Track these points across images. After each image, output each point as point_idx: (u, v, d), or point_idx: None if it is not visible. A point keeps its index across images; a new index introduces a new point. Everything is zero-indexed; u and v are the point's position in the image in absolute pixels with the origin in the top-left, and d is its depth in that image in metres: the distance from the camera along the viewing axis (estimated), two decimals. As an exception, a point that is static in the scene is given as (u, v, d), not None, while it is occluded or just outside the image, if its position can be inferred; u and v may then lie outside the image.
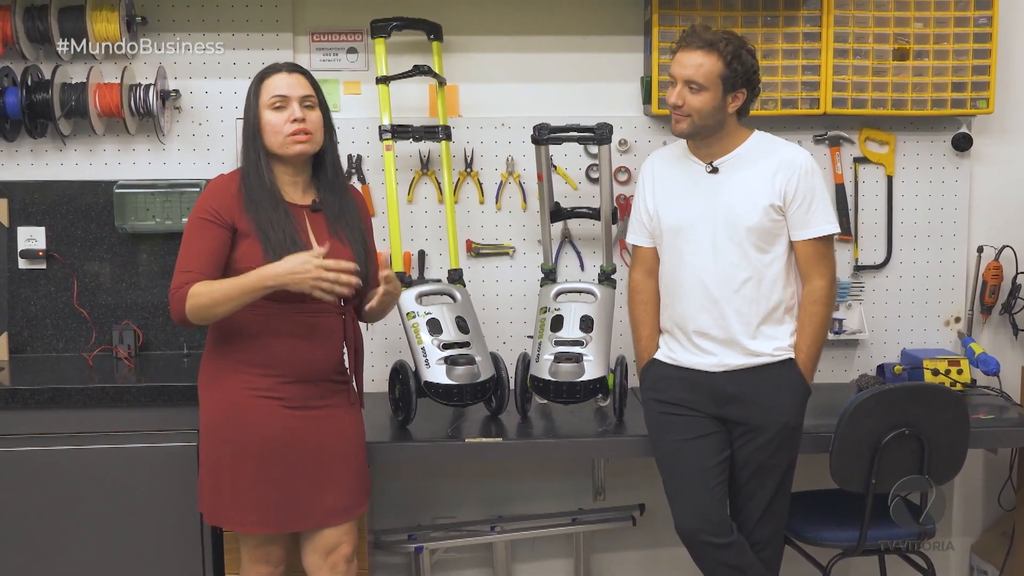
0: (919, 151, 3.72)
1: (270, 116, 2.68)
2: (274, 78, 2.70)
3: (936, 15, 3.57)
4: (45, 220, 3.56)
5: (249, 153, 2.71)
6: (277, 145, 2.68)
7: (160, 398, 3.08)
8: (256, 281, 2.58)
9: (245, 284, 2.59)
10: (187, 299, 2.59)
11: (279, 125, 2.67)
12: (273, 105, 2.68)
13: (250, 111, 2.71)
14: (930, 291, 3.78)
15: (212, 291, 2.59)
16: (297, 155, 2.69)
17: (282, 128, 2.67)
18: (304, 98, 2.69)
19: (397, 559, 3.72)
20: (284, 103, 2.67)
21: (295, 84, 2.69)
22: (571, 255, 3.69)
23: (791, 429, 2.93)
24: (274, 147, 2.69)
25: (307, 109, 2.70)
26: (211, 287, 2.60)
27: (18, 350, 3.57)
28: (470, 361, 3.16)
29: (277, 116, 2.67)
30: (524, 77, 3.65)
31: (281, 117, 2.67)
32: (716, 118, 2.85)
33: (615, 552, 3.83)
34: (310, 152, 2.72)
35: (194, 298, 2.59)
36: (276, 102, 2.67)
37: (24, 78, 3.40)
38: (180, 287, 2.62)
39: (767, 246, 2.89)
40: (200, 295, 2.59)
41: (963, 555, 3.89)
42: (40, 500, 3.07)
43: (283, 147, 2.68)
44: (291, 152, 2.69)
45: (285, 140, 2.67)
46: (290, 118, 2.66)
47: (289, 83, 2.69)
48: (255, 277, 2.58)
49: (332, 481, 2.75)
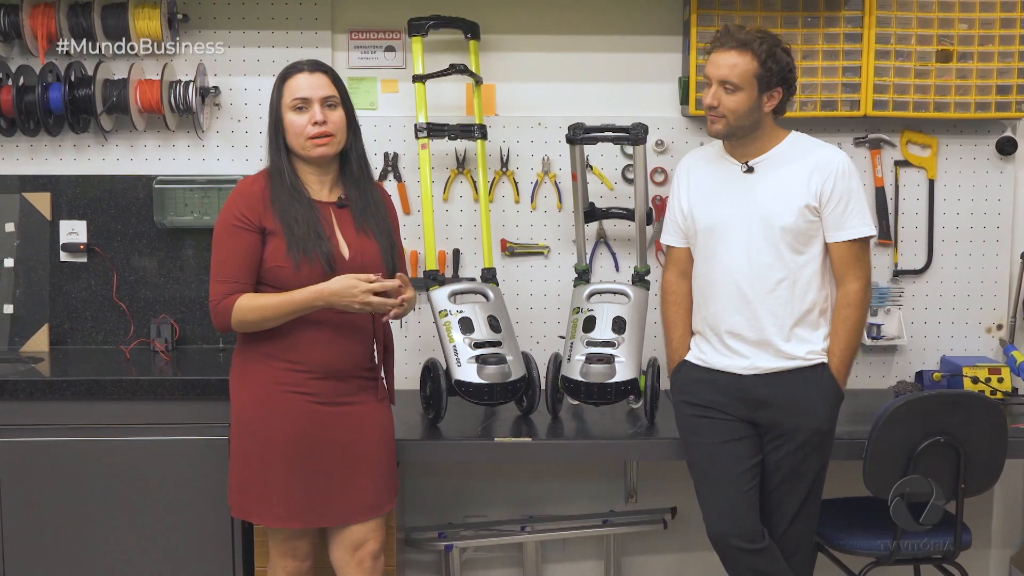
0: (962, 155, 3.66)
1: (292, 117, 2.69)
2: (296, 79, 2.71)
3: (981, 16, 3.51)
4: (86, 214, 3.61)
5: (273, 152, 2.74)
6: (299, 147, 2.70)
7: (194, 391, 3.11)
8: (306, 301, 2.64)
9: (296, 303, 2.64)
10: (233, 313, 2.65)
11: (301, 127, 2.68)
12: (295, 107, 2.69)
13: (273, 111, 2.73)
14: (971, 297, 3.71)
15: (262, 308, 2.65)
16: (319, 157, 2.71)
17: (303, 130, 2.68)
18: (326, 99, 2.70)
19: (428, 557, 3.73)
20: (306, 105, 2.68)
21: (316, 85, 2.70)
22: (606, 256, 3.68)
23: (823, 434, 2.89)
24: (296, 148, 2.71)
25: (329, 109, 2.70)
26: (260, 304, 2.65)
27: (58, 342, 3.63)
28: (501, 360, 3.16)
29: (299, 118, 2.68)
30: (561, 76, 3.64)
31: (303, 119, 2.68)
32: (752, 118, 2.82)
33: (646, 555, 3.81)
34: (331, 154, 2.73)
35: (241, 312, 2.65)
36: (298, 104, 2.68)
37: (67, 74, 3.45)
38: (223, 298, 2.66)
39: (802, 247, 2.86)
40: (248, 310, 2.65)
41: (1003, 567, 3.82)
42: (75, 490, 3.12)
43: (305, 149, 2.70)
44: (313, 155, 2.70)
45: (306, 143, 2.69)
46: (311, 120, 2.68)
47: (310, 84, 2.69)
48: (306, 297, 2.64)
49: (359, 477, 2.76)
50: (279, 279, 2.67)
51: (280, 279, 2.67)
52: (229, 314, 2.66)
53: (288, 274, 2.66)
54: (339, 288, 2.63)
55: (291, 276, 2.66)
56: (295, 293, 2.65)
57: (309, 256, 2.65)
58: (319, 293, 2.64)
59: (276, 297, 2.66)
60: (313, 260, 2.65)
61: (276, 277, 2.68)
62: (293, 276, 2.66)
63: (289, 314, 2.66)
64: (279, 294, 2.66)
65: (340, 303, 2.64)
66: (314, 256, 2.65)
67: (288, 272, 2.66)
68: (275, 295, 2.66)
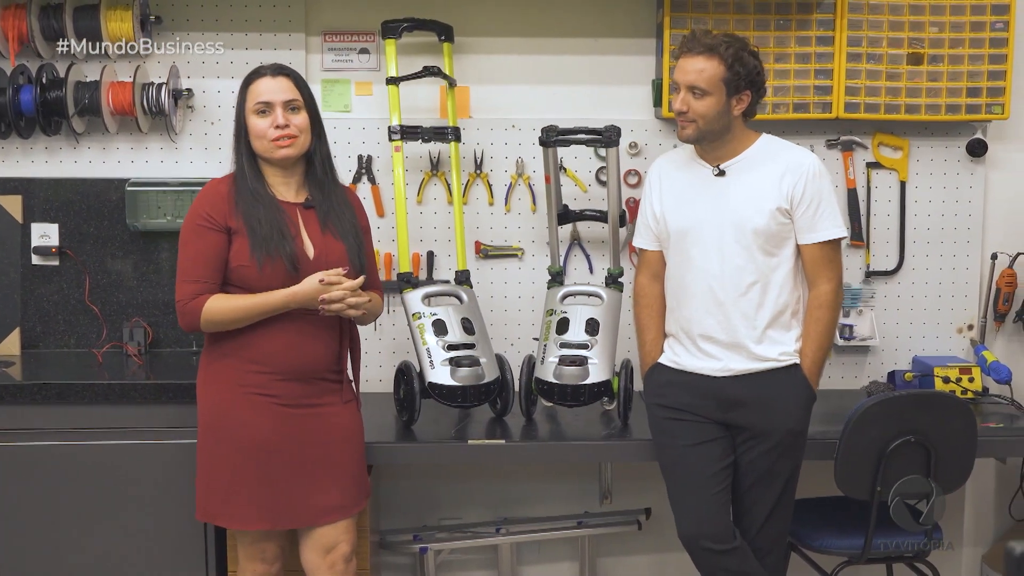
0: (933, 156, 3.69)
1: (255, 121, 2.71)
2: (259, 83, 2.73)
3: (952, 19, 3.54)
4: (58, 217, 3.59)
5: (236, 155, 2.76)
6: (262, 149, 2.72)
7: (167, 395, 3.10)
8: (278, 303, 2.67)
9: (267, 305, 2.67)
10: (202, 314, 2.66)
11: (263, 130, 2.70)
12: (257, 111, 2.71)
13: (237, 115, 2.75)
14: (943, 298, 3.74)
15: (232, 309, 2.66)
16: (281, 159, 2.73)
17: (266, 133, 2.70)
18: (288, 102, 2.72)
19: (402, 560, 3.72)
20: (268, 108, 2.70)
21: (279, 88, 2.71)
22: (580, 258, 3.68)
23: (796, 435, 2.91)
24: (259, 151, 2.73)
25: (292, 112, 2.72)
26: (231, 305, 2.66)
27: (30, 345, 3.60)
28: (474, 362, 3.16)
29: (261, 121, 2.70)
30: (535, 79, 3.65)
31: (265, 122, 2.70)
32: (722, 122, 2.83)
33: (621, 556, 3.82)
34: (294, 155, 2.74)
35: (211, 313, 2.66)
36: (260, 107, 2.70)
37: (39, 76, 3.43)
38: (191, 298, 2.67)
39: (774, 249, 2.87)
40: (217, 311, 2.66)
41: (974, 565, 3.85)
42: (47, 494, 3.10)
43: (267, 151, 2.72)
44: (275, 157, 2.72)
45: (269, 145, 2.71)
46: (273, 124, 2.69)
47: (272, 88, 2.71)
48: (278, 299, 2.66)
49: (326, 479, 2.76)
50: (244, 279, 2.68)
51: (245, 279, 2.68)
52: (198, 314, 2.67)
53: (252, 274, 2.67)
54: (307, 290, 2.67)
55: (255, 275, 2.67)
56: (268, 295, 2.66)
57: (272, 256, 2.66)
58: (292, 295, 2.66)
59: (248, 299, 2.66)
60: (276, 260, 2.66)
61: (241, 277, 2.69)
62: (257, 276, 2.67)
63: (260, 315, 2.67)
64: (251, 295, 2.67)
65: (310, 305, 2.68)
66: (277, 256, 2.66)
67: (252, 272, 2.67)
68: (246, 296, 2.67)
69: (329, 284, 2.67)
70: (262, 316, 2.67)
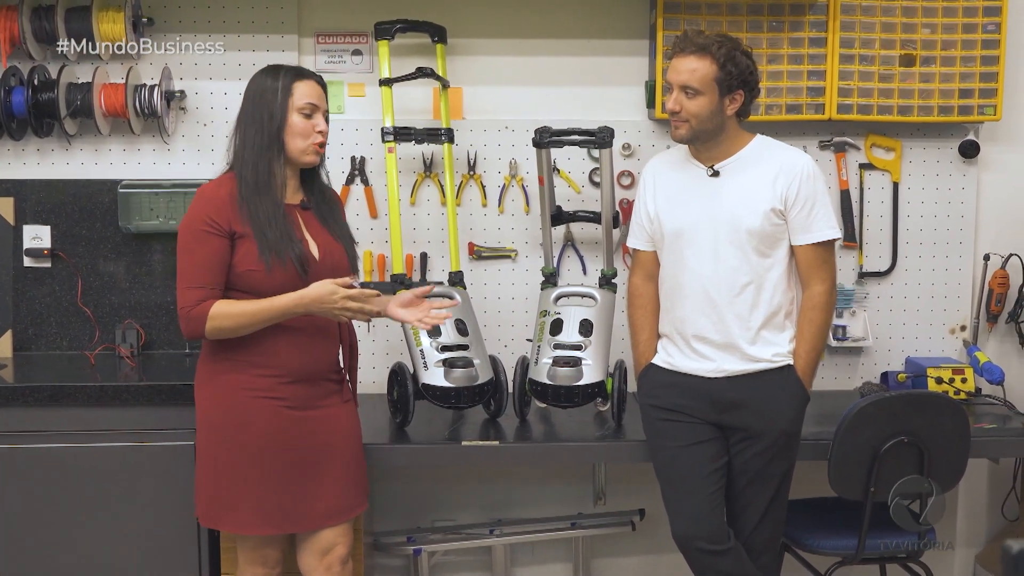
0: (925, 158, 3.70)
1: (299, 120, 2.68)
2: (307, 84, 2.71)
3: (944, 21, 3.55)
4: (50, 219, 3.58)
5: (263, 151, 2.67)
6: (297, 150, 2.69)
7: (160, 397, 3.09)
8: (286, 308, 2.62)
9: (275, 310, 2.62)
10: (208, 320, 2.60)
11: (308, 130, 2.69)
12: (304, 111, 2.68)
13: (276, 110, 2.67)
14: (935, 299, 3.75)
15: (239, 315, 2.61)
16: (309, 164, 2.73)
17: (310, 135, 2.69)
18: (327, 111, 2.75)
19: (396, 561, 3.72)
20: (313, 112, 2.69)
21: (321, 95, 2.73)
22: (573, 259, 3.69)
23: (789, 436, 2.91)
24: (293, 150, 2.69)
25: (326, 122, 2.74)
26: (237, 311, 2.61)
27: (22, 348, 3.59)
28: (468, 364, 3.16)
29: (305, 123, 2.68)
30: (528, 80, 3.65)
31: (309, 124, 2.69)
32: (715, 122, 2.83)
33: (614, 557, 3.82)
34: (318, 163, 2.77)
35: (217, 320, 2.60)
36: (308, 108, 2.69)
37: (31, 78, 3.42)
38: (195, 304, 2.60)
39: (768, 250, 2.88)
40: (224, 317, 2.60)
41: (967, 565, 3.86)
42: (40, 497, 3.09)
43: (303, 153, 2.70)
44: (306, 160, 2.71)
45: (308, 147, 2.69)
46: (316, 127, 2.69)
47: (319, 93, 2.72)
48: (286, 304, 2.61)
49: (331, 481, 2.75)
50: (250, 283, 2.64)
51: (252, 283, 2.63)
52: (203, 320, 2.60)
53: (260, 277, 2.63)
54: (318, 295, 2.61)
55: (264, 279, 2.63)
56: (275, 300, 2.62)
57: (282, 259, 2.62)
58: (300, 300, 2.62)
59: (254, 304, 2.62)
60: (286, 263, 2.63)
61: (247, 281, 2.64)
62: (266, 279, 2.63)
63: (268, 321, 2.62)
64: (257, 301, 2.62)
65: (320, 310, 2.63)
66: (287, 258, 2.63)
67: (261, 275, 2.62)
68: (253, 302, 2.62)
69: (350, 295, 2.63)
70: (269, 322, 2.63)
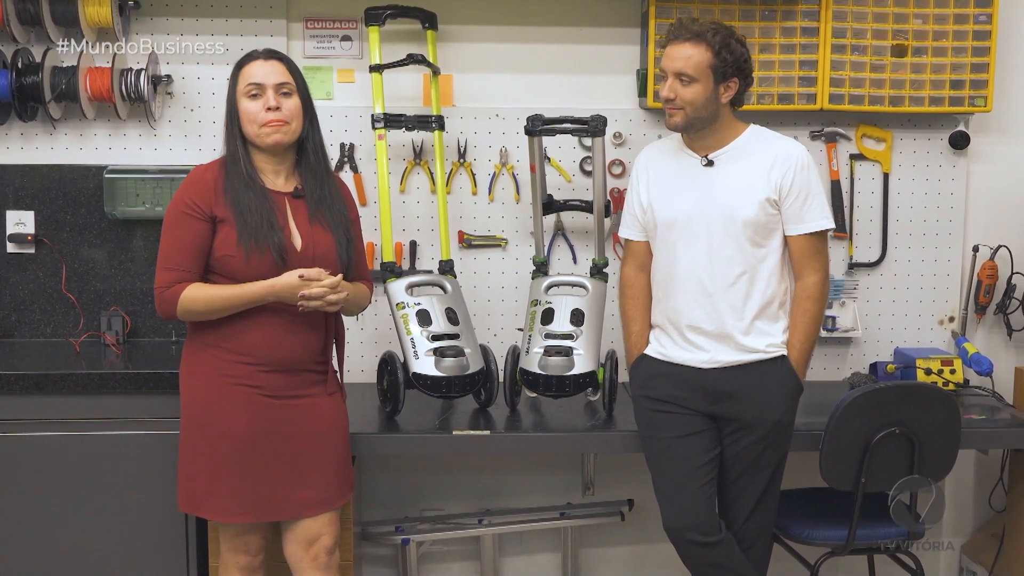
0: (916, 149, 3.70)
1: (246, 104, 2.66)
2: (251, 66, 2.68)
3: (935, 12, 3.54)
4: (34, 204, 3.53)
5: (228, 141, 2.70)
6: (253, 135, 2.67)
7: (146, 385, 3.06)
8: (256, 295, 2.62)
9: (245, 296, 2.62)
10: (179, 302, 2.62)
11: (254, 113, 2.65)
12: (249, 93, 2.66)
13: (229, 99, 2.70)
14: (924, 290, 3.76)
15: (210, 299, 2.62)
16: (273, 145, 2.68)
17: (257, 117, 2.65)
18: (280, 85, 2.67)
19: (384, 551, 3.70)
20: (260, 91, 2.65)
21: (271, 71, 2.67)
22: (564, 248, 3.67)
23: (782, 427, 2.90)
24: (251, 136, 2.68)
25: (284, 96, 2.67)
26: (208, 295, 2.62)
27: (5, 335, 3.55)
28: (459, 353, 3.14)
29: (253, 104, 2.66)
30: (519, 68, 3.62)
31: (256, 105, 2.65)
32: (709, 109, 2.82)
33: (603, 547, 3.82)
34: (286, 142, 2.69)
35: (188, 302, 2.62)
36: (252, 90, 2.66)
37: (14, 61, 3.37)
38: (169, 286, 2.63)
39: (762, 240, 2.87)
40: (194, 300, 2.61)
41: (953, 556, 3.87)
42: (25, 486, 3.06)
43: (259, 137, 2.67)
44: (267, 142, 2.67)
45: (260, 130, 2.66)
46: (265, 106, 2.65)
47: (264, 71, 2.67)
48: (256, 291, 2.62)
49: (310, 472, 2.73)
50: (228, 268, 2.63)
51: (230, 268, 2.63)
52: (175, 302, 2.62)
53: (238, 264, 2.62)
54: (286, 284, 2.62)
55: (241, 266, 2.62)
56: (246, 287, 2.62)
57: (260, 246, 2.61)
58: (270, 288, 2.62)
59: (225, 289, 2.62)
60: (264, 251, 2.62)
61: (225, 266, 2.64)
62: (243, 266, 2.62)
63: (238, 307, 2.63)
64: (229, 286, 2.63)
65: (290, 299, 2.63)
66: (265, 247, 2.62)
67: (238, 262, 2.62)
68: (224, 287, 2.63)
69: (308, 280, 2.62)
70: (240, 308, 2.63)
